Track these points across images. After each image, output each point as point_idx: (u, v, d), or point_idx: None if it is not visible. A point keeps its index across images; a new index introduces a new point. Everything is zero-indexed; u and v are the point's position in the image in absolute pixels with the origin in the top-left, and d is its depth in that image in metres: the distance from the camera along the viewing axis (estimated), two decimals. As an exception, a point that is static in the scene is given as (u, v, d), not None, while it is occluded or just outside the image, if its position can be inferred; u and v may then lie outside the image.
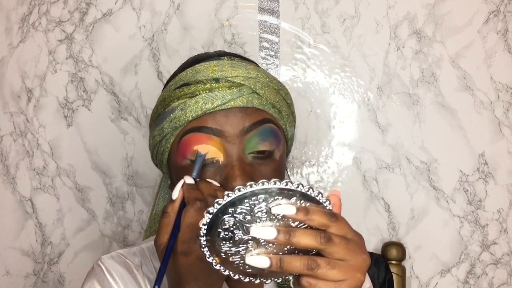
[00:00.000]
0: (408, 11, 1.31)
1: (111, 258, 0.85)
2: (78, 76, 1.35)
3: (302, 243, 0.59)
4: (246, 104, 0.80)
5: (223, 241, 0.61)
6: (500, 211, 1.30)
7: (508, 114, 1.31)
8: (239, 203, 0.60)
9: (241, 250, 0.62)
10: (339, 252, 0.60)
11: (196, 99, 0.79)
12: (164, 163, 0.86)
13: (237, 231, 0.61)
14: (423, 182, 1.31)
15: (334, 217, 0.61)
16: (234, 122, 0.79)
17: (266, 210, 0.60)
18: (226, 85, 0.80)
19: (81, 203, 1.35)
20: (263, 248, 0.62)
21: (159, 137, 0.83)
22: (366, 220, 1.31)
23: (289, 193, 0.60)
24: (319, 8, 1.32)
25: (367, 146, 1.32)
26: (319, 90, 1.33)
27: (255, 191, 0.60)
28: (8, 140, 1.36)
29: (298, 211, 0.59)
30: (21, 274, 1.36)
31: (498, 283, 1.30)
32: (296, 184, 0.60)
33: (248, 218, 0.60)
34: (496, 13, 1.31)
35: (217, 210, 0.60)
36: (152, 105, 1.34)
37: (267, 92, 0.82)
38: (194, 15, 1.33)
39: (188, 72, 0.83)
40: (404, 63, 1.31)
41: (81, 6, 1.35)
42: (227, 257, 0.62)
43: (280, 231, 0.59)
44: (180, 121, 0.80)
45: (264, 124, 0.80)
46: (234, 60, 0.85)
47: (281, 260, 0.60)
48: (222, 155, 0.78)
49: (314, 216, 0.60)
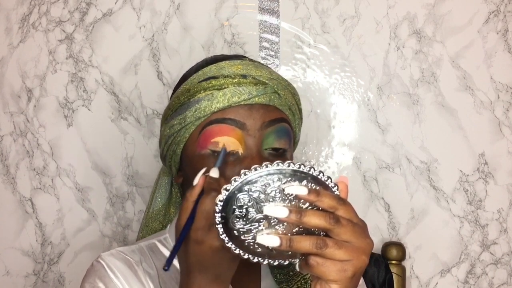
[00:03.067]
0: (408, 11, 1.31)
1: (110, 255, 0.86)
2: (78, 76, 1.35)
3: (313, 222, 0.63)
4: (268, 102, 0.84)
5: (237, 218, 0.65)
6: (500, 211, 1.30)
7: (508, 114, 1.31)
8: (255, 182, 0.64)
9: (253, 229, 0.65)
10: (346, 234, 0.64)
11: (224, 92, 0.83)
12: (177, 153, 0.88)
13: (251, 209, 0.65)
14: (423, 182, 1.31)
15: (341, 200, 0.65)
16: (256, 116, 0.83)
17: (280, 190, 0.64)
18: (253, 82, 0.85)
19: (81, 203, 1.35)
20: (274, 228, 0.65)
21: (179, 126, 0.85)
22: (366, 220, 1.29)
23: (301, 176, 0.64)
24: (319, 8, 1.32)
25: (367, 146, 1.32)
26: (319, 90, 1.33)
27: (270, 171, 0.64)
28: (8, 140, 1.36)
29: (309, 192, 0.63)
30: (21, 274, 1.36)
31: (498, 283, 1.30)
32: (309, 167, 0.64)
33: (262, 197, 0.64)
34: (496, 13, 1.31)
35: (233, 187, 0.64)
36: (152, 105, 1.34)
37: (286, 94, 0.87)
38: (194, 15, 1.34)
39: (212, 67, 0.86)
40: (404, 63, 1.31)
41: (81, 6, 1.35)
42: (239, 235, 0.65)
43: (292, 210, 0.63)
44: (205, 111, 0.83)
45: (281, 123, 0.85)
46: (255, 62, 0.90)
47: (290, 240, 0.64)
48: (242, 148, 0.82)
49: (324, 198, 0.64)
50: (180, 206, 0.73)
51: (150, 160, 1.34)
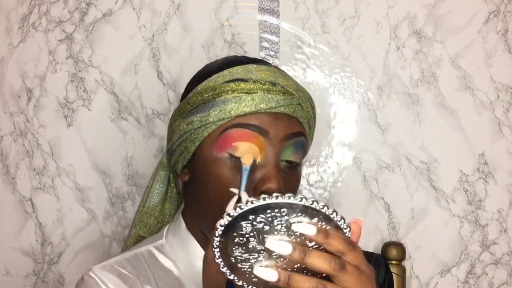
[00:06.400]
0: (408, 11, 1.31)
1: (103, 268, 0.83)
2: (78, 76, 1.35)
3: (316, 265, 0.59)
4: (293, 114, 0.83)
5: (236, 245, 0.61)
6: (500, 211, 1.30)
7: (508, 114, 1.31)
8: (261, 212, 0.60)
9: (252, 259, 0.61)
10: (349, 282, 0.60)
11: (253, 96, 0.81)
12: (189, 150, 0.85)
13: (252, 239, 0.61)
14: (423, 182, 1.31)
15: (351, 245, 0.61)
16: (280, 127, 0.82)
17: (286, 224, 0.60)
18: (281, 91, 0.83)
19: (81, 203, 1.35)
20: (274, 261, 0.61)
21: (199, 123, 0.83)
22: (366, 220, 1.31)
23: (313, 213, 0.60)
24: (319, 8, 1.32)
25: (367, 146, 1.32)
26: (319, 90, 1.33)
27: (279, 203, 0.59)
28: (8, 140, 1.36)
29: (318, 233, 0.59)
30: (21, 274, 1.36)
31: (498, 283, 1.30)
32: (322, 205, 0.60)
33: (266, 228, 0.60)
34: (496, 13, 1.31)
35: (237, 214, 0.60)
36: (152, 105, 1.34)
37: (308, 107, 0.87)
38: (194, 15, 1.34)
39: (239, 69, 0.85)
40: (404, 63, 1.31)
41: (81, 6, 1.35)
42: (236, 262, 0.62)
43: (296, 248, 0.59)
44: (231, 113, 0.81)
45: (300, 137, 0.84)
46: (281, 70, 0.89)
47: (289, 277, 0.59)
48: (260, 156, 0.80)
49: (333, 241, 0.60)
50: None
51: (150, 160, 1.34)
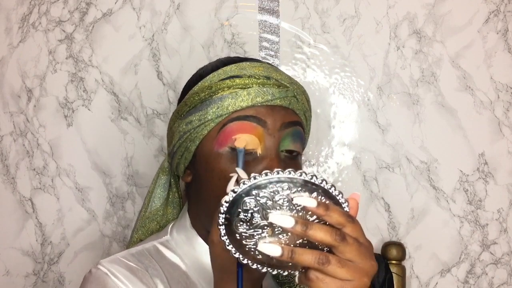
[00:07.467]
0: (408, 11, 1.31)
1: (112, 261, 0.82)
2: (78, 76, 1.35)
3: (318, 236, 0.61)
4: (288, 105, 0.86)
5: (240, 222, 0.63)
6: (500, 211, 1.30)
7: (508, 114, 1.31)
8: (264, 187, 0.62)
9: (256, 235, 0.63)
10: (350, 252, 0.62)
11: (248, 91, 0.84)
12: (190, 150, 0.87)
13: (256, 215, 0.63)
14: (423, 182, 1.31)
15: (350, 218, 0.63)
16: (277, 117, 0.84)
17: (288, 199, 0.62)
18: (276, 84, 0.86)
19: (81, 203, 1.35)
20: (277, 237, 0.63)
21: (198, 122, 0.85)
22: (366, 220, 1.31)
23: (312, 187, 0.62)
24: (319, 8, 1.32)
25: (367, 146, 1.32)
26: (319, 90, 1.33)
27: (281, 178, 0.62)
28: (8, 140, 1.36)
29: (318, 205, 0.61)
30: (21, 274, 1.36)
31: (498, 283, 1.30)
32: (321, 179, 0.62)
33: (269, 203, 0.62)
34: (496, 13, 1.31)
35: (241, 190, 0.62)
36: (152, 104, 1.34)
37: (303, 99, 0.89)
38: (194, 15, 1.34)
39: (233, 67, 0.87)
40: (404, 63, 1.31)
41: (81, 6, 1.35)
42: (241, 239, 0.64)
43: (298, 221, 0.61)
44: (228, 109, 0.83)
45: (298, 126, 0.87)
46: (273, 66, 0.92)
47: (292, 251, 0.62)
48: (260, 147, 0.82)
49: (333, 213, 0.62)
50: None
51: (150, 160, 1.34)
